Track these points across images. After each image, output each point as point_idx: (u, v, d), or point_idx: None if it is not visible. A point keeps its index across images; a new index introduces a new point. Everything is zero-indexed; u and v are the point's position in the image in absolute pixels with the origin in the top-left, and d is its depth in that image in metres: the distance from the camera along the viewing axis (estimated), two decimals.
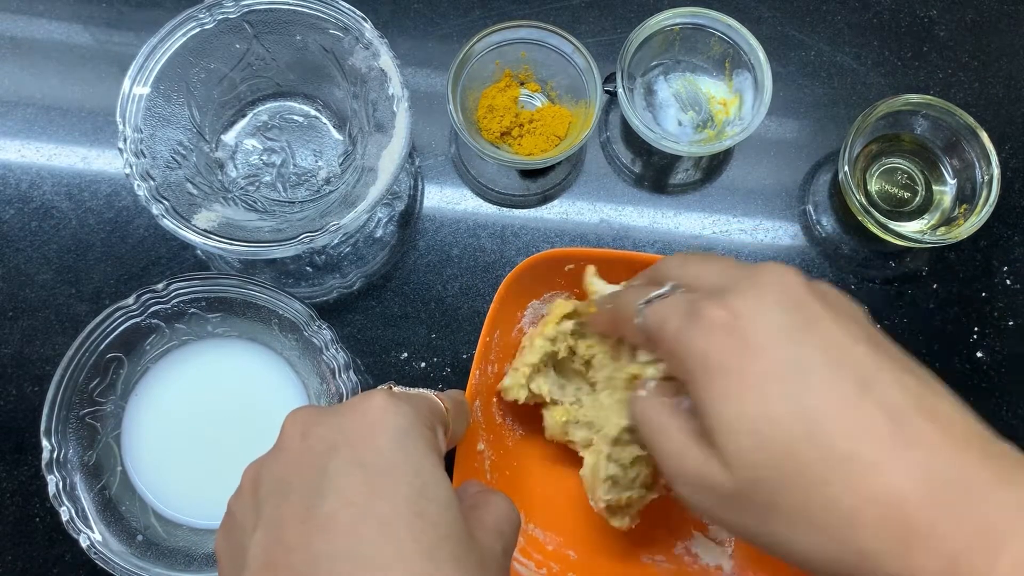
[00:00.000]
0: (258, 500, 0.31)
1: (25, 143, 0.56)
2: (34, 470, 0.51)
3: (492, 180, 0.57)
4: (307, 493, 0.30)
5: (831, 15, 0.61)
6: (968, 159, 0.55)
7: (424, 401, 0.35)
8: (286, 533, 0.29)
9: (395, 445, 0.31)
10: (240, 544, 0.31)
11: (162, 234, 0.54)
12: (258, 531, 0.30)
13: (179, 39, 0.49)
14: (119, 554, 0.45)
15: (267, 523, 0.30)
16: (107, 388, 0.48)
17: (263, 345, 0.51)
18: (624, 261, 0.48)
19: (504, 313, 0.47)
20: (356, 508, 0.29)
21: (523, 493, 0.49)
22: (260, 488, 0.31)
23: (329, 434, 0.31)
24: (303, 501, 0.30)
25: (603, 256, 0.48)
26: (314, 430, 0.32)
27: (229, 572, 0.31)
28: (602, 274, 0.48)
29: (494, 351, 0.47)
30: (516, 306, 0.48)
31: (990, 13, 0.61)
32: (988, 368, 0.55)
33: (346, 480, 0.29)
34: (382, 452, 0.30)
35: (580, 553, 0.49)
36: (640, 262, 0.47)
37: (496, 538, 0.33)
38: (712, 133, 0.56)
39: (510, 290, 0.46)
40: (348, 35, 0.51)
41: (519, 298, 0.48)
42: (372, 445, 0.31)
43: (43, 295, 0.53)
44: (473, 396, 0.46)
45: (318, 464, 0.30)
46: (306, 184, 0.54)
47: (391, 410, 0.32)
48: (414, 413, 0.32)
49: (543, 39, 0.54)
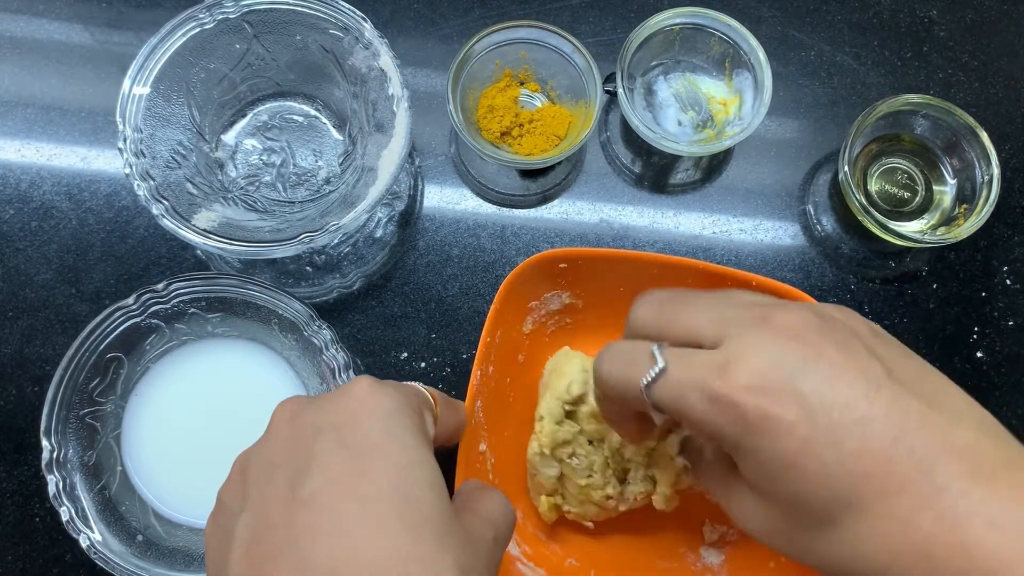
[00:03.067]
0: (246, 485, 0.32)
1: (25, 143, 0.56)
2: (34, 470, 0.51)
3: (492, 180, 0.57)
4: (292, 474, 0.30)
5: (831, 15, 0.61)
6: (968, 159, 0.55)
7: (410, 388, 0.36)
8: (271, 512, 0.29)
9: (380, 427, 0.31)
10: (228, 528, 0.31)
11: (162, 234, 0.54)
12: (245, 513, 0.30)
13: (179, 39, 0.49)
14: (119, 554, 0.45)
15: (253, 504, 0.30)
16: (107, 388, 0.48)
17: (263, 345, 0.51)
18: (625, 260, 0.48)
19: (504, 314, 0.47)
20: (340, 486, 0.29)
21: (525, 498, 0.49)
22: (248, 474, 0.32)
23: (315, 418, 0.32)
24: (288, 482, 0.30)
25: (603, 256, 0.48)
26: (301, 416, 0.32)
27: (216, 556, 0.31)
28: (603, 274, 0.48)
29: (494, 352, 0.47)
30: (517, 307, 0.48)
31: (990, 13, 0.61)
32: (988, 368, 0.55)
33: (330, 460, 0.30)
34: (367, 433, 0.31)
35: (580, 559, 0.49)
36: (641, 261, 0.47)
37: (487, 526, 0.33)
38: (712, 133, 0.56)
39: (510, 291, 0.46)
40: (348, 35, 0.51)
41: (519, 299, 0.48)
42: (357, 427, 0.31)
43: (43, 295, 0.53)
44: (474, 397, 0.46)
45: (304, 447, 0.31)
46: (306, 184, 0.54)
47: (377, 393, 0.32)
48: (400, 397, 0.33)
49: (543, 39, 0.54)
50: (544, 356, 0.51)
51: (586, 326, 0.52)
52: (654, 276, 0.48)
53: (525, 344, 0.50)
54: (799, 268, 0.57)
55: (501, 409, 0.49)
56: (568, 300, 0.50)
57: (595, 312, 0.51)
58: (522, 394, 0.50)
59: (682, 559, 0.49)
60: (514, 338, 0.49)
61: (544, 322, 0.51)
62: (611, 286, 0.49)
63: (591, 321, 0.51)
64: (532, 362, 0.50)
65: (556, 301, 0.50)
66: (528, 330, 0.50)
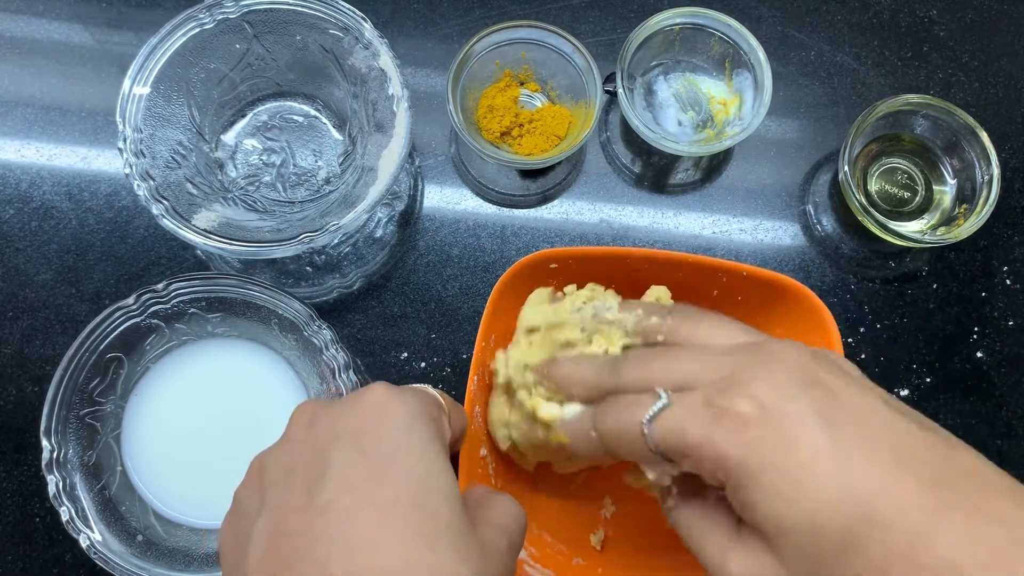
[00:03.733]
0: (263, 488, 0.31)
1: (25, 143, 0.56)
2: (34, 470, 0.51)
3: (492, 180, 0.57)
4: (309, 480, 0.30)
5: (831, 15, 0.61)
6: (968, 159, 0.55)
7: (425, 393, 0.36)
8: (287, 519, 0.29)
9: (398, 434, 0.31)
10: (244, 532, 0.31)
11: (162, 234, 0.54)
12: (261, 518, 0.30)
13: (179, 39, 0.49)
14: (119, 554, 0.45)
15: (270, 510, 0.30)
16: (107, 388, 0.48)
17: (263, 345, 0.51)
18: (615, 258, 0.47)
19: (499, 318, 0.47)
20: (356, 494, 0.29)
21: (528, 497, 0.49)
22: (265, 477, 0.32)
23: (333, 424, 0.32)
24: (305, 488, 0.30)
25: (593, 254, 0.47)
26: (320, 421, 0.32)
27: (232, 559, 0.31)
28: (594, 272, 0.48)
29: (490, 357, 0.47)
30: (510, 310, 0.48)
31: (990, 13, 0.61)
32: (988, 368, 0.55)
33: (347, 467, 0.30)
34: (384, 441, 0.31)
35: (587, 558, 0.49)
36: (632, 257, 0.47)
37: (501, 534, 0.33)
38: (712, 133, 0.56)
39: (503, 295, 0.46)
40: (348, 35, 0.51)
41: (512, 303, 0.48)
42: (375, 434, 0.31)
43: (43, 295, 0.53)
44: (472, 402, 0.45)
45: (321, 453, 0.31)
46: (306, 184, 0.54)
47: (395, 400, 0.32)
48: (417, 403, 0.33)
49: (543, 39, 0.54)
50: None
51: None
52: (645, 272, 0.47)
53: None
54: (799, 268, 0.57)
55: None
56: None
57: None
58: None
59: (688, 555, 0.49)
60: (509, 342, 0.49)
61: None
62: (603, 284, 0.49)
63: None
64: None
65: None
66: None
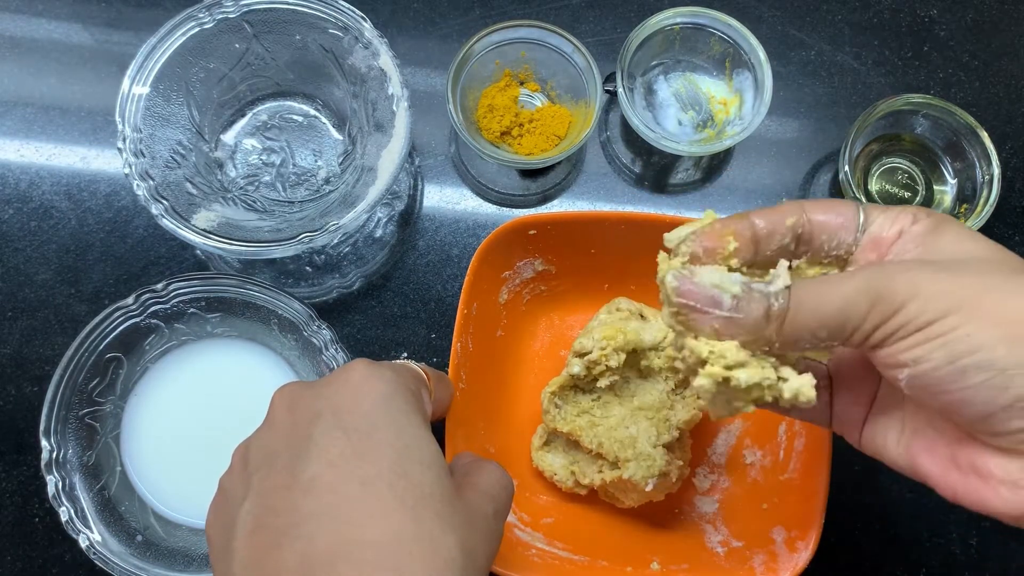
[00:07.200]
0: (247, 473, 0.32)
1: (24, 143, 0.56)
2: (34, 470, 0.51)
3: (492, 180, 0.57)
4: (292, 460, 0.30)
5: (831, 15, 0.61)
6: (968, 159, 0.55)
7: (405, 367, 0.36)
8: (273, 498, 0.30)
9: (377, 409, 0.31)
10: (231, 517, 0.31)
11: (162, 234, 0.54)
12: (247, 501, 0.31)
13: (178, 39, 0.49)
14: (119, 554, 0.45)
15: (255, 492, 0.31)
16: (106, 388, 0.48)
17: (263, 345, 0.51)
18: (592, 221, 0.49)
19: (480, 285, 0.48)
20: (339, 469, 0.29)
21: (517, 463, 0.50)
22: (249, 462, 0.32)
23: (313, 403, 0.32)
24: (289, 468, 0.30)
25: (571, 218, 0.49)
26: (299, 402, 0.33)
27: (219, 544, 0.31)
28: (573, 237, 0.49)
29: (472, 325, 0.48)
30: (491, 278, 0.49)
31: (990, 13, 0.61)
32: None
33: (329, 444, 0.30)
34: (365, 416, 0.31)
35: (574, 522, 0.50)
36: (608, 221, 0.48)
37: (487, 500, 0.33)
38: (712, 133, 0.56)
39: (483, 262, 0.47)
40: (348, 35, 0.51)
41: (493, 270, 0.49)
42: (355, 410, 0.31)
43: (43, 295, 0.53)
44: (457, 369, 0.46)
45: (303, 432, 0.31)
46: (306, 184, 0.54)
47: (373, 376, 0.33)
48: (396, 378, 0.33)
49: (543, 39, 0.54)
50: (521, 327, 0.52)
51: (561, 292, 0.53)
52: (622, 233, 0.49)
53: (502, 316, 0.51)
54: None
55: (484, 382, 0.49)
56: (541, 267, 0.51)
57: (570, 277, 0.52)
58: (503, 368, 0.51)
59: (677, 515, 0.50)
60: (491, 310, 0.50)
61: (519, 291, 0.52)
62: (582, 249, 0.50)
63: (566, 286, 0.52)
64: (510, 337, 0.52)
65: (529, 269, 0.51)
66: (504, 300, 0.51)
